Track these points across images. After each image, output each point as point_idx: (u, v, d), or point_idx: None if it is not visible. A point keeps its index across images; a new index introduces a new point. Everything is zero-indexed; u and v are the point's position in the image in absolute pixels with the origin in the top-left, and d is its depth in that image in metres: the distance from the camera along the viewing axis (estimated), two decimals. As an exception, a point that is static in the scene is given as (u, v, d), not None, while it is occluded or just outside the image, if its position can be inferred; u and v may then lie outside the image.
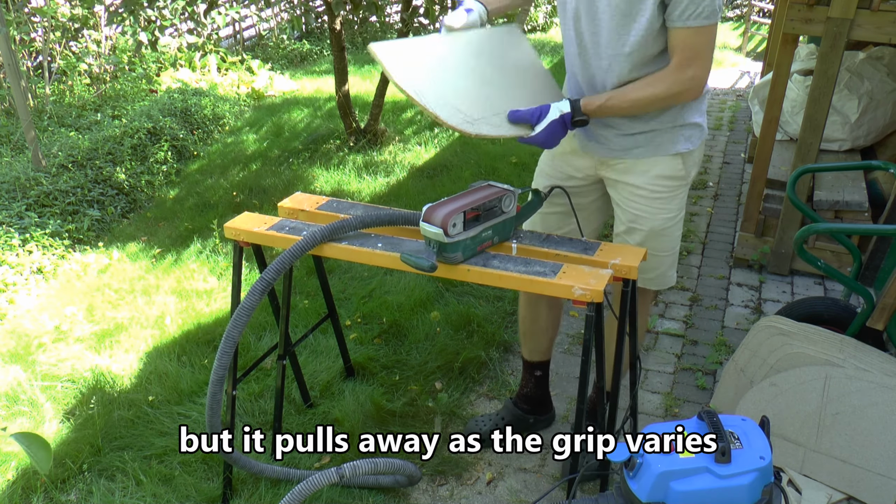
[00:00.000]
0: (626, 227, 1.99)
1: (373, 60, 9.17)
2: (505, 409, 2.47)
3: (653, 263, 2.00)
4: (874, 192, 3.76)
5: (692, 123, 1.87)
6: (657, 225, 1.94)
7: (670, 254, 2.02)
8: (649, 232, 1.95)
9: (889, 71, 4.40)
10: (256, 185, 4.91)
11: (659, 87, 1.72)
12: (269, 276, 1.80)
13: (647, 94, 1.73)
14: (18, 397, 2.72)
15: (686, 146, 1.88)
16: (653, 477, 1.19)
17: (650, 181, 1.90)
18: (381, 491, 2.22)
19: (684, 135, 1.87)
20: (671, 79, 1.70)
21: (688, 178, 1.94)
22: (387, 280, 3.44)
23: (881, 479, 1.88)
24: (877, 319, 2.23)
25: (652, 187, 1.90)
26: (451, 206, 1.69)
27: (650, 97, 1.74)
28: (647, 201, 1.92)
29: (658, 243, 1.97)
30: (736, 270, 3.63)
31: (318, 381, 2.70)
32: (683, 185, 1.93)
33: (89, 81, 6.75)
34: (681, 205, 1.96)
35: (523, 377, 2.44)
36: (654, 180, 1.90)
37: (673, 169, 1.89)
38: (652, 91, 1.73)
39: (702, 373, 2.79)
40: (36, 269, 3.73)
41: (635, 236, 1.98)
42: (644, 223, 1.95)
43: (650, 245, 1.95)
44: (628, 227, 1.98)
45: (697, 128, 1.89)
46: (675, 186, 1.91)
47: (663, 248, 1.99)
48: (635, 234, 1.97)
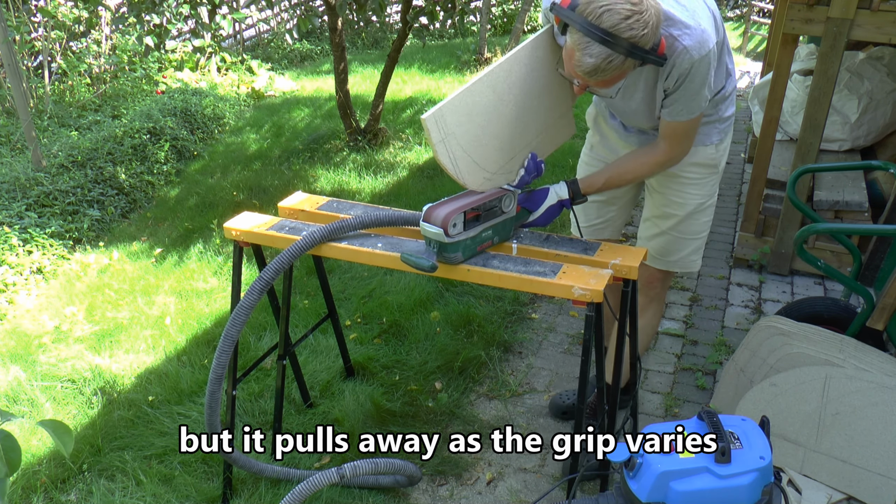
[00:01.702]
0: (661, 212, 2.09)
1: (373, 60, 9.18)
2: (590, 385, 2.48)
3: (678, 245, 2.10)
4: (874, 192, 3.76)
5: (727, 117, 2.01)
6: (690, 209, 2.06)
7: (698, 238, 2.12)
8: (682, 217, 2.07)
9: (889, 71, 4.40)
10: (257, 185, 4.92)
11: (652, 162, 1.89)
12: (268, 276, 1.80)
13: (644, 169, 1.91)
14: (18, 397, 2.72)
15: (718, 137, 2.02)
16: (653, 477, 1.19)
17: (685, 168, 2.01)
18: (381, 491, 2.22)
19: (718, 128, 2.00)
20: (664, 155, 1.88)
21: (719, 166, 2.06)
22: (387, 280, 3.44)
23: (881, 479, 1.88)
24: (877, 319, 2.23)
25: (687, 174, 2.02)
26: (451, 206, 1.69)
27: (647, 171, 1.92)
28: (682, 186, 2.04)
29: (688, 226, 2.09)
30: (736, 270, 3.63)
31: (318, 381, 2.71)
32: (715, 173, 2.06)
33: (90, 81, 6.76)
34: (712, 190, 2.08)
35: None
36: (688, 168, 2.01)
37: (707, 157, 2.02)
38: (649, 166, 1.90)
39: (702, 373, 2.80)
40: (36, 269, 3.73)
41: (669, 221, 2.08)
42: (678, 208, 2.06)
43: (680, 229, 2.08)
44: (663, 211, 2.08)
45: (729, 120, 2.03)
46: (709, 173, 2.04)
47: (693, 231, 2.10)
48: (670, 219, 2.08)
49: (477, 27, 10.44)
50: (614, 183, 1.92)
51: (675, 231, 2.08)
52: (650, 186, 2.13)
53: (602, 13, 1.49)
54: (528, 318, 3.21)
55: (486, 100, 1.73)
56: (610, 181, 1.91)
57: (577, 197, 1.89)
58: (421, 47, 9.69)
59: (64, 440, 1.10)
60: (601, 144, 2.16)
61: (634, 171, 1.92)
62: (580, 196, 1.89)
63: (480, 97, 1.71)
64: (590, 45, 1.53)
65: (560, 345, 2.99)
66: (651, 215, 2.13)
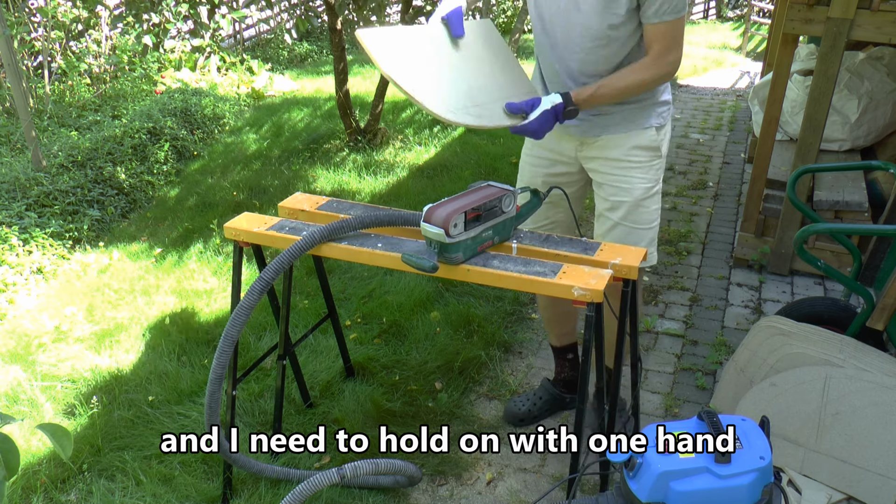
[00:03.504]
0: (610, 204, 2.09)
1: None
2: (541, 389, 2.53)
3: (634, 238, 2.10)
4: (874, 192, 3.76)
5: (663, 101, 2.04)
6: (638, 195, 2.06)
7: (650, 228, 2.12)
8: (631, 203, 2.06)
9: (889, 71, 4.40)
10: (257, 185, 4.92)
11: (645, 74, 1.86)
12: (268, 276, 1.80)
13: (635, 82, 1.87)
14: (18, 397, 2.72)
15: (658, 121, 2.04)
16: (653, 477, 1.19)
17: (628, 152, 2.04)
18: (381, 491, 2.22)
19: (656, 111, 2.03)
20: (655, 65, 1.84)
21: (661, 151, 2.07)
22: (387, 280, 3.44)
23: (881, 479, 1.88)
24: (877, 319, 2.23)
25: (629, 157, 2.04)
26: (452, 207, 1.69)
27: (638, 84, 1.88)
28: (625, 171, 2.05)
29: (638, 216, 2.09)
30: (736, 270, 3.63)
31: (318, 381, 2.71)
32: (658, 157, 2.07)
33: (89, 81, 6.75)
34: (657, 176, 2.09)
35: (557, 364, 2.53)
36: (631, 151, 2.03)
37: (648, 140, 2.03)
38: (639, 77, 1.87)
39: (702, 373, 2.79)
40: (36, 269, 3.72)
41: (619, 211, 2.08)
42: (625, 195, 2.06)
43: (631, 219, 2.08)
44: (612, 202, 2.09)
45: (667, 105, 2.06)
46: (652, 157, 2.06)
47: (643, 220, 2.10)
48: (619, 208, 2.08)
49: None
50: (605, 92, 1.86)
51: (627, 221, 2.08)
52: (596, 182, 2.13)
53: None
54: (528, 318, 3.21)
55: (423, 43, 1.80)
56: (601, 89, 1.86)
57: (568, 105, 1.85)
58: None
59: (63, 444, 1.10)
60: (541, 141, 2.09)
61: (626, 81, 1.87)
62: (571, 104, 1.85)
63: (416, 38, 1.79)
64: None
65: (560, 345, 2.99)
66: (602, 209, 2.13)
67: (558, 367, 2.54)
